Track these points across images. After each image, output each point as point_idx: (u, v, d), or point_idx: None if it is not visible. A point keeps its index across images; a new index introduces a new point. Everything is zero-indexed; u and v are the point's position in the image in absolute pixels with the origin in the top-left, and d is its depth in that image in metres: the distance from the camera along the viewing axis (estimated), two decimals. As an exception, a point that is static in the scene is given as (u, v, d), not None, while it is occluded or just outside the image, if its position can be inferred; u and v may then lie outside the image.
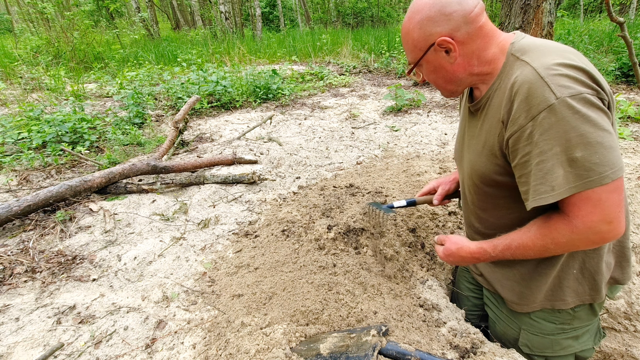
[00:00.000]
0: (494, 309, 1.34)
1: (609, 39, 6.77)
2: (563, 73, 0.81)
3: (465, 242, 1.14)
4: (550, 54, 0.87)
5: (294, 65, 7.75)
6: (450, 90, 1.06)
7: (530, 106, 0.83)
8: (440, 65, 0.99)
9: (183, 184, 2.63)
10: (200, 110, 4.69)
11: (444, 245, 1.21)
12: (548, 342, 1.18)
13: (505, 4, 3.78)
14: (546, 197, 0.84)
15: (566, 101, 0.79)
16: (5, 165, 2.88)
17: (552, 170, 0.82)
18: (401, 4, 20.49)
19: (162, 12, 22.19)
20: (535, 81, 0.83)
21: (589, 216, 0.83)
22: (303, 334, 1.24)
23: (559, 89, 0.80)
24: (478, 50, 0.95)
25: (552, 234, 0.90)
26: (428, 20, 0.92)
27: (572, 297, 1.09)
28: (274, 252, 1.73)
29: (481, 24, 0.93)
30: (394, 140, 3.58)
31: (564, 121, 0.79)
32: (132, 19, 15.59)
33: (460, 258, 1.14)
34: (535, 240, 0.94)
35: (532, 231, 0.95)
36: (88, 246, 1.98)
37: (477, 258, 1.10)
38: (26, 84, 5.49)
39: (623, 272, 1.12)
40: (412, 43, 0.98)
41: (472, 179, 1.13)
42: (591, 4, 14.52)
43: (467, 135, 1.14)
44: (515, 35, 0.97)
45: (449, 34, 0.92)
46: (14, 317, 1.50)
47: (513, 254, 1.00)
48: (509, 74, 0.92)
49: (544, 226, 0.92)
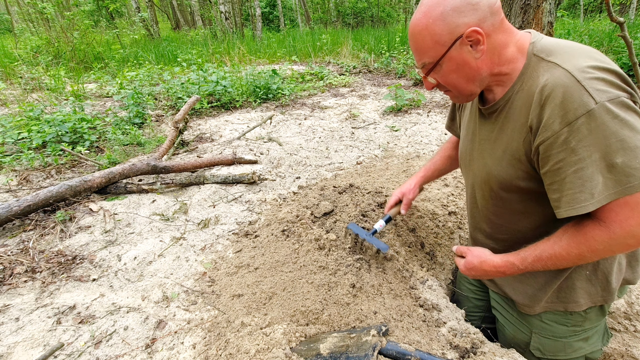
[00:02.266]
0: (502, 312, 1.32)
1: (609, 39, 6.77)
2: (599, 77, 0.78)
3: (488, 255, 1.08)
4: (579, 56, 0.83)
5: (294, 65, 7.74)
6: (470, 91, 0.97)
7: (567, 111, 0.79)
8: (464, 61, 0.90)
9: (183, 184, 2.63)
10: (200, 110, 4.69)
11: (464, 257, 1.14)
12: (561, 345, 1.17)
13: (505, 4, 3.78)
14: (586, 206, 0.81)
15: (605, 106, 0.76)
16: (5, 165, 2.88)
17: (592, 177, 0.79)
18: (401, 4, 20.49)
19: (162, 12, 22.19)
20: (572, 85, 0.79)
21: (628, 221, 0.80)
22: (303, 334, 1.24)
23: (597, 93, 0.77)
24: (500, 46, 0.90)
25: (588, 241, 0.86)
26: (453, 10, 0.84)
27: (584, 299, 1.08)
28: (274, 252, 1.73)
29: (502, 17, 0.89)
30: (394, 140, 3.59)
31: (604, 126, 0.76)
32: (132, 19, 15.59)
33: (484, 272, 1.08)
34: (569, 249, 0.89)
35: (565, 240, 0.90)
36: (88, 246, 1.98)
37: (502, 272, 1.04)
38: (26, 84, 5.49)
39: (633, 272, 1.11)
40: (431, 39, 0.88)
41: (488, 184, 1.08)
42: (591, 4, 14.52)
43: (479, 139, 1.09)
44: (532, 35, 0.94)
45: (477, 24, 0.85)
46: (14, 317, 1.50)
47: (544, 265, 0.95)
48: (534, 75, 0.88)
49: (578, 234, 0.88)
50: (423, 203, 1.97)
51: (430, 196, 2.06)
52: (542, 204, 0.98)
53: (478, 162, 1.12)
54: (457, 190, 2.14)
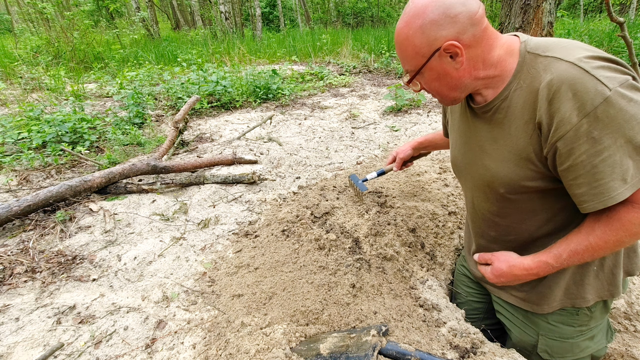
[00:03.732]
0: (507, 316, 1.31)
1: (609, 39, 6.77)
2: (602, 65, 0.79)
3: (516, 258, 1.04)
4: (575, 49, 0.84)
5: (294, 65, 7.74)
6: (453, 97, 1.00)
7: (583, 102, 0.78)
8: (444, 71, 0.92)
9: (183, 184, 2.63)
10: (200, 110, 4.69)
11: (491, 264, 1.10)
12: (568, 346, 1.17)
13: (505, 4, 3.78)
14: (621, 192, 0.80)
15: (619, 91, 0.77)
16: (5, 165, 2.88)
17: (622, 162, 0.79)
18: (401, 4, 20.49)
19: (162, 12, 22.18)
20: (581, 76, 0.79)
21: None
22: (303, 334, 1.24)
23: (608, 80, 0.77)
24: (483, 53, 0.91)
25: (625, 226, 0.85)
26: (432, 23, 0.85)
27: (591, 294, 1.07)
28: (274, 252, 1.73)
29: (485, 25, 0.89)
30: (394, 140, 3.59)
31: (623, 111, 0.76)
32: (132, 19, 15.58)
33: (514, 277, 1.04)
34: (606, 237, 0.88)
35: (600, 229, 0.89)
36: (88, 246, 1.98)
37: (536, 274, 1.00)
38: (26, 84, 5.49)
39: (631, 263, 1.11)
40: (412, 50, 0.90)
41: (491, 187, 1.06)
42: (591, 4, 14.52)
43: (476, 141, 1.07)
44: (520, 36, 0.94)
45: (456, 37, 0.86)
46: (14, 317, 1.50)
47: (581, 259, 0.93)
48: (532, 72, 0.88)
49: (613, 221, 0.87)
50: (423, 203, 1.97)
51: (430, 196, 2.06)
52: (549, 200, 0.98)
53: (477, 165, 1.10)
54: (457, 190, 2.14)
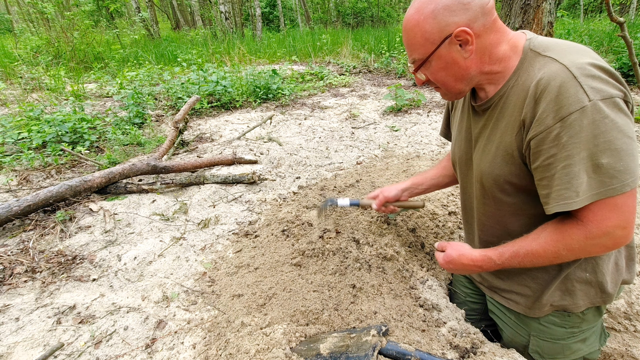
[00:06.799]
0: (500, 316, 1.31)
1: (609, 39, 6.76)
2: (595, 74, 0.78)
3: (467, 249, 1.09)
4: (577, 53, 0.83)
5: (294, 65, 7.74)
6: (458, 89, 0.98)
7: (561, 106, 0.79)
8: (453, 60, 0.91)
9: (183, 184, 2.63)
10: (200, 110, 4.69)
11: (444, 251, 1.15)
12: (559, 348, 1.17)
13: (505, 4, 3.78)
14: (570, 203, 0.81)
15: (598, 105, 0.76)
16: (5, 165, 2.88)
17: (578, 175, 0.79)
18: (401, 4, 20.49)
19: (162, 12, 22.18)
20: (568, 80, 0.78)
21: (605, 222, 0.81)
22: (303, 334, 1.24)
23: (591, 91, 0.76)
24: (491, 45, 0.90)
25: (565, 239, 0.87)
26: (444, 9, 0.85)
27: (583, 300, 1.07)
28: (274, 252, 1.73)
29: (495, 17, 0.88)
30: (394, 140, 3.59)
31: (594, 125, 0.76)
32: (132, 19, 15.59)
33: (462, 266, 1.08)
34: (546, 246, 0.90)
35: (543, 237, 0.91)
36: (88, 246, 1.98)
37: (479, 266, 1.04)
38: (26, 84, 5.49)
39: (630, 272, 1.11)
40: (422, 36, 0.89)
41: (480, 182, 1.07)
42: (591, 4, 14.51)
43: (475, 137, 1.08)
44: (527, 34, 0.94)
45: (467, 24, 0.85)
46: (14, 317, 1.50)
47: (521, 262, 0.95)
48: (529, 70, 0.88)
49: (556, 232, 0.88)
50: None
51: (430, 196, 2.06)
52: (532, 203, 0.98)
53: (471, 161, 1.11)
54: (457, 190, 2.14)
